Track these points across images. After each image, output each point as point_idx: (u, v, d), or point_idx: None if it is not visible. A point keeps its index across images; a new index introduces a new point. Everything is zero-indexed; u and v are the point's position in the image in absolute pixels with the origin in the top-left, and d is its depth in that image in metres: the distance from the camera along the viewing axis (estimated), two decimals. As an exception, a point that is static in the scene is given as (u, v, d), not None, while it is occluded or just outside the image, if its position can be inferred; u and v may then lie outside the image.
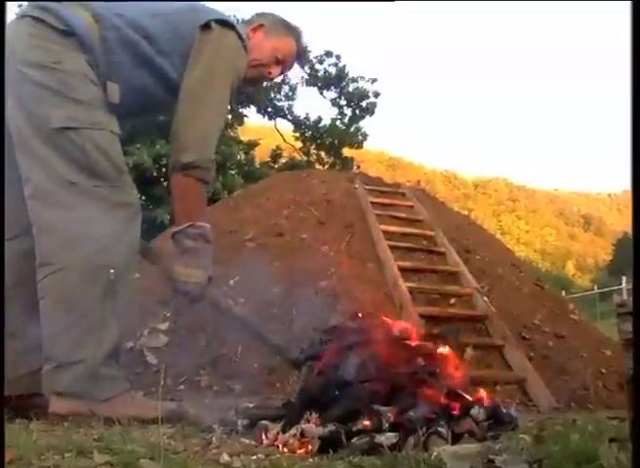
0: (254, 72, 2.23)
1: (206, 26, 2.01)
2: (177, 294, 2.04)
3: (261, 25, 2.27)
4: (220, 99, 2.03)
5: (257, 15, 2.36)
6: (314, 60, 14.45)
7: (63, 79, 1.85)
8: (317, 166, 14.39)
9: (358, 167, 15.73)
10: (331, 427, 1.52)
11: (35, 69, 1.84)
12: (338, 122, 14.87)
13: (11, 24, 1.94)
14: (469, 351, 3.22)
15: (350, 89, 14.60)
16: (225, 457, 1.30)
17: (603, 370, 3.38)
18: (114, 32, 1.94)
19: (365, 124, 14.97)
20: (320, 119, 14.91)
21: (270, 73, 2.31)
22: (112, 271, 1.83)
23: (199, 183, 1.96)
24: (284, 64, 2.33)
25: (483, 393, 1.72)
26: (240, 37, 2.05)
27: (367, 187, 5.14)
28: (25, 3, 11.38)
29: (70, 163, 1.83)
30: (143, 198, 10.96)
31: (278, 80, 14.52)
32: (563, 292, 12.28)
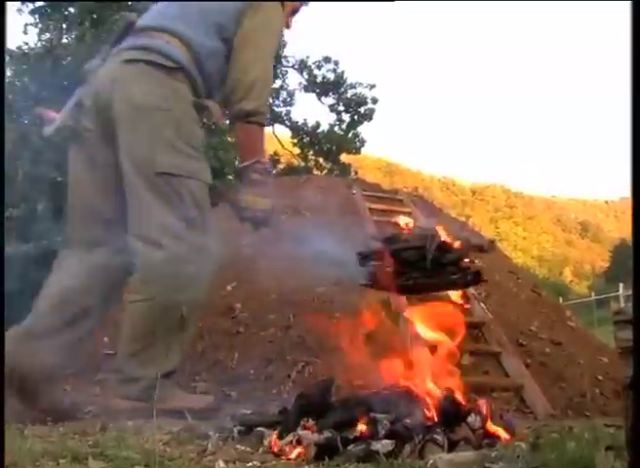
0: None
1: None
2: (244, 221, 2.19)
3: None
4: (273, 48, 2.26)
5: None
6: (312, 66, 14.48)
7: (172, 125, 2.03)
8: (315, 172, 14.39)
9: (356, 173, 15.72)
10: (327, 434, 1.52)
11: (147, 114, 2.01)
12: (336, 128, 14.88)
13: (120, 68, 2.09)
14: (466, 357, 3.22)
15: (348, 95, 14.62)
16: (221, 464, 1.29)
17: (600, 377, 3.37)
18: (202, 49, 2.14)
19: (363, 130, 15.00)
20: (318, 125, 14.92)
21: (289, 25, 2.48)
22: (185, 309, 2.03)
23: (260, 126, 2.17)
24: (295, 13, 2.51)
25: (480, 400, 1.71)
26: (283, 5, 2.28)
27: (365, 193, 5.14)
28: (22, 3, 11.32)
29: (166, 206, 2.00)
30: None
31: (276, 85, 14.55)
32: (560, 299, 12.29)
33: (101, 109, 2.06)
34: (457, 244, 1.70)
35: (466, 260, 1.73)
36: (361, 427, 1.52)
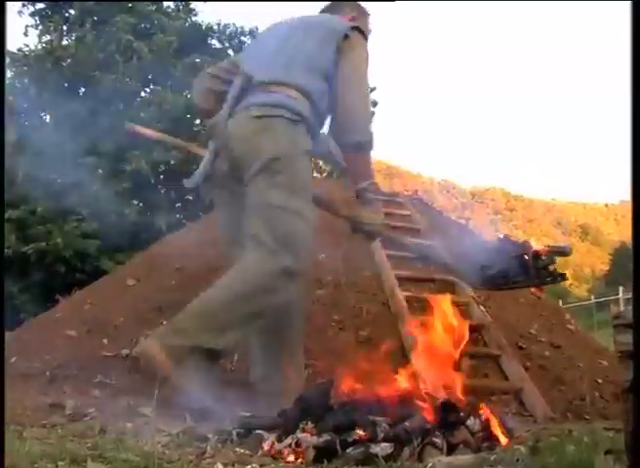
0: None
1: (346, 35, 2.46)
2: (360, 233, 2.49)
3: (354, 18, 2.68)
4: (367, 80, 2.51)
5: (337, 4, 2.77)
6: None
7: (298, 169, 2.33)
8: (315, 174, 14.38)
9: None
10: (326, 437, 1.52)
11: (274, 164, 2.27)
12: (336, 131, 14.83)
13: (251, 123, 2.32)
14: (466, 361, 3.22)
15: (349, 97, 14.58)
16: (220, 467, 1.29)
17: (599, 381, 3.37)
18: (316, 95, 2.40)
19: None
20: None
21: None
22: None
23: (368, 154, 2.46)
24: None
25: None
26: (365, 37, 2.55)
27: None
28: (22, 3, 11.32)
29: (270, 233, 2.26)
30: (141, 205, 10.96)
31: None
32: (560, 302, 12.28)
33: (234, 158, 2.35)
34: (545, 251, 2.11)
35: (553, 265, 2.15)
36: (360, 430, 1.52)
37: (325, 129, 2.57)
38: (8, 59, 11.18)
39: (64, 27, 12.16)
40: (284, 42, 2.50)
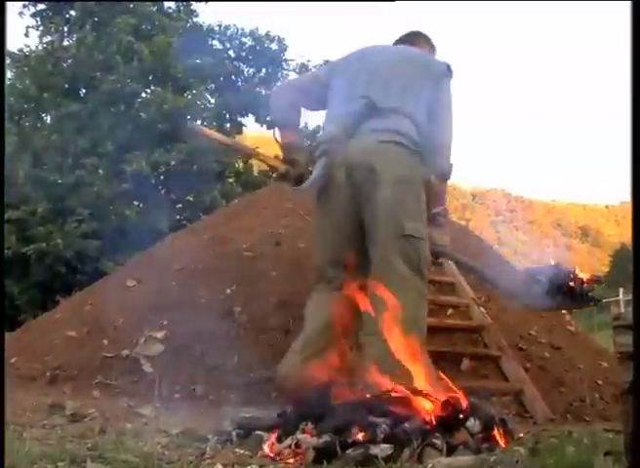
0: None
1: (444, 73, 2.68)
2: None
3: (429, 51, 2.90)
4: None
5: (414, 34, 2.93)
6: (313, 70, 14.50)
7: (415, 197, 2.45)
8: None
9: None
10: (326, 438, 1.52)
11: (399, 187, 2.40)
12: (336, 131, 14.83)
13: (378, 146, 2.46)
14: (466, 362, 3.22)
15: (349, 98, 14.59)
16: (219, 467, 1.29)
17: (599, 382, 3.37)
18: (422, 126, 2.54)
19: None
20: (319, 128, 14.91)
21: None
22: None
23: (446, 182, 2.71)
24: None
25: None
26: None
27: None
28: (22, 3, 11.33)
29: (406, 262, 2.37)
30: (141, 206, 10.96)
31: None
32: (560, 303, 12.21)
33: (355, 175, 2.45)
34: (588, 280, 2.30)
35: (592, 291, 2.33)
36: (360, 431, 1.52)
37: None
38: (8, 60, 11.18)
39: (65, 28, 12.16)
40: (393, 70, 2.64)
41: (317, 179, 2.49)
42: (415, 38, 2.91)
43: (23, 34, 11.92)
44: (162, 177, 11.31)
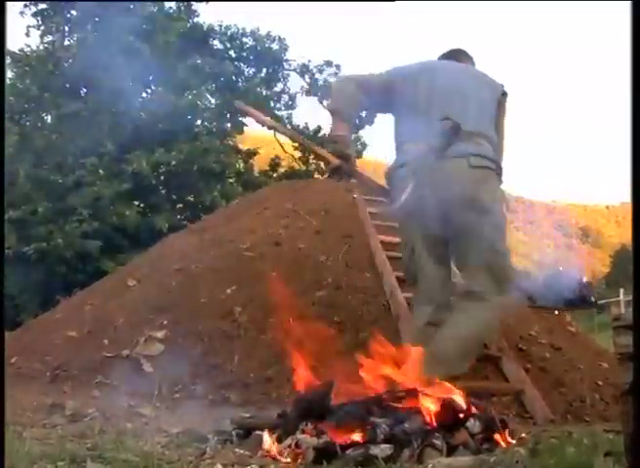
0: None
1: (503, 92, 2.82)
2: None
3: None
4: None
5: (458, 52, 3.00)
6: (314, 70, 14.50)
7: (502, 220, 2.65)
8: (316, 175, 14.37)
9: (357, 177, 15.64)
10: (326, 438, 1.52)
11: (491, 212, 2.55)
12: (337, 132, 14.80)
13: (470, 172, 2.52)
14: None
15: (350, 99, 14.56)
16: (219, 467, 1.29)
17: (600, 383, 3.37)
18: (494, 146, 2.65)
19: (364, 134, 14.97)
20: (320, 128, 14.87)
21: None
22: None
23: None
24: None
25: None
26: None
27: (365, 197, 5.14)
28: (23, 3, 11.32)
29: (489, 275, 2.56)
30: (142, 206, 10.96)
31: (278, 89, 14.57)
32: (560, 304, 12.21)
33: (445, 199, 2.52)
34: (591, 285, 2.33)
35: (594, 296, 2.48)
36: (360, 431, 1.52)
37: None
38: (9, 60, 11.18)
39: (66, 28, 12.17)
40: (467, 90, 2.71)
41: (408, 199, 2.52)
42: (459, 55, 2.95)
43: (24, 34, 11.94)
44: (162, 177, 11.32)
